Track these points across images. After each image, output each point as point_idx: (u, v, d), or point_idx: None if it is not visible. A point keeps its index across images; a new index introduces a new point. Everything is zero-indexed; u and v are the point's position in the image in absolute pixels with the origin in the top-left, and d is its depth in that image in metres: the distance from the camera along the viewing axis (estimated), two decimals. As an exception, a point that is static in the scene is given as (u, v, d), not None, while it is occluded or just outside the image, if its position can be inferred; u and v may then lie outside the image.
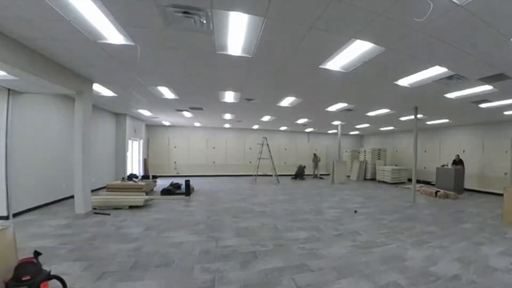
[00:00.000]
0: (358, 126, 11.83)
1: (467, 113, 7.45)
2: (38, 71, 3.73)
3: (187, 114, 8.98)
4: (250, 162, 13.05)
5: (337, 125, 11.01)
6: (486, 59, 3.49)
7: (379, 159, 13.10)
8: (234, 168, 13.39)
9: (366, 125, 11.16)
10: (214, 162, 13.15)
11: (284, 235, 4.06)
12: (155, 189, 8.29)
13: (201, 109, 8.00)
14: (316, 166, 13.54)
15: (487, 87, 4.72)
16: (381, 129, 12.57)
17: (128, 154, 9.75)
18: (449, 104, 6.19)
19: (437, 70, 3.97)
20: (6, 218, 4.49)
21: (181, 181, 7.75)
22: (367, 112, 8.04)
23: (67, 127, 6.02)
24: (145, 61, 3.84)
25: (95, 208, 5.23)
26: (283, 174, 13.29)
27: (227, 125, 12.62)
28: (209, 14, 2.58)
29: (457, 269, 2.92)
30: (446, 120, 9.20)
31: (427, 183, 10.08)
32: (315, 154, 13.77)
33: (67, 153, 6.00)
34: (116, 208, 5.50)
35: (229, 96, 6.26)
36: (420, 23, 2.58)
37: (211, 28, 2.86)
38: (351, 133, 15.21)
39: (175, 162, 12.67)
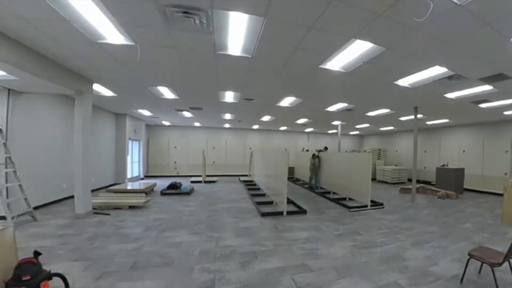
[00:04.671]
0: (358, 126, 11.83)
1: (467, 113, 7.45)
2: (38, 71, 3.73)
3: (187, 114, 8.98)
4: (250, 162, 13.06)
5: (337, 125, 11.01)
6: (486, 59, 3.49)
7: (379, 159, 13.11)
8: (234, 168, 13.39)
9: (366, 125, 11.16)
10: (214, 162, 13.15)
11: (284, 235, 4.07)
12: (155, 189, 8.29)
13: (201, 109, 8.00)
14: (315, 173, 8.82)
15: (487, 87, 4.72)
16: (381, 129, 12.57)
17: (128, 156, 9.77)
18: (449, 104, 6.19)
19: (437, 70, 3.97)
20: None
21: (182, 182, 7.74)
22: (367, 112, 8.04)
23: (67, 127, 6.02)
24: (145, 61, 3.84)
25: (95, 208, 5.23)
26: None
27: (227, 125, 12.62)
28: (209, 14, 2.58)
29: (457, 269, 2.92)
30: (446, 120, 9.20)
31: (427, 183, 10.07)
32: (314, 155, 8.92)
33: (67, 153, 6.01)
34: (116, 208, 5.50)
35: (229, 96, 6.25)
36: (420, 23, 2.58)
37: (211, 28, 2.86)
38: (351, 133, 15.20)
39: (175, 162, 12.66)
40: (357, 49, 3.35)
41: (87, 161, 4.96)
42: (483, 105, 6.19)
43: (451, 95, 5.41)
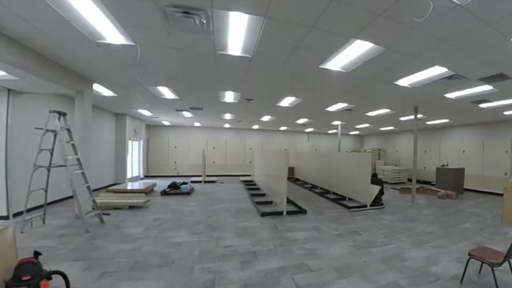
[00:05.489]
0: (358, 126, 11.83)
1: (467, 113, 7.45)
2: (38, 71, 3.73)
3: (187, 114, 8.98)
4: (250, 162, 13.06)
5: (337, 125, 11.01)
6: (486, 59, 3.49)
7: (379, 159, 13.11)
8: (234, 168, 13.39)
9: (366, 125, 11.16)
10: (214, 162, 13.15)
11: (284, 235, 4.07)
12: (155, 189, 8.29)
13: (201, 109, 8.00)
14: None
15: (487, 87, 4.72)
16: (381, 129, 12.57)
17: (128, 156, 9.76)
18: (449, 104, 6.19)
19: (437, 70, 3.97)
20: (6, 218, 4.49)
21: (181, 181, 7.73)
22: (367, 112, 8.04)
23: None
24: (145, 61, 3.84)
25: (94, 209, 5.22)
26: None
27: (227, 125, 12.62)
28: (209, 14, 2.58)
29: (457, 269, 2.92)
30: (446, 120, 9.20)
31: (427, 183, 10.07)
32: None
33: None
34: (116, 208, 5.50)
35: (229, 96, 6.25)
36: (420, 23, 2.58)
37: (211, 28, 2.86)
38: (351, 133, 15.20)
39: (175, 162, 12.66)
40: (357, 49, 3.35)
41: (87, 161, 4.96)
42: (483, 105, 6.19)
43: (451, 95, 5.41)
